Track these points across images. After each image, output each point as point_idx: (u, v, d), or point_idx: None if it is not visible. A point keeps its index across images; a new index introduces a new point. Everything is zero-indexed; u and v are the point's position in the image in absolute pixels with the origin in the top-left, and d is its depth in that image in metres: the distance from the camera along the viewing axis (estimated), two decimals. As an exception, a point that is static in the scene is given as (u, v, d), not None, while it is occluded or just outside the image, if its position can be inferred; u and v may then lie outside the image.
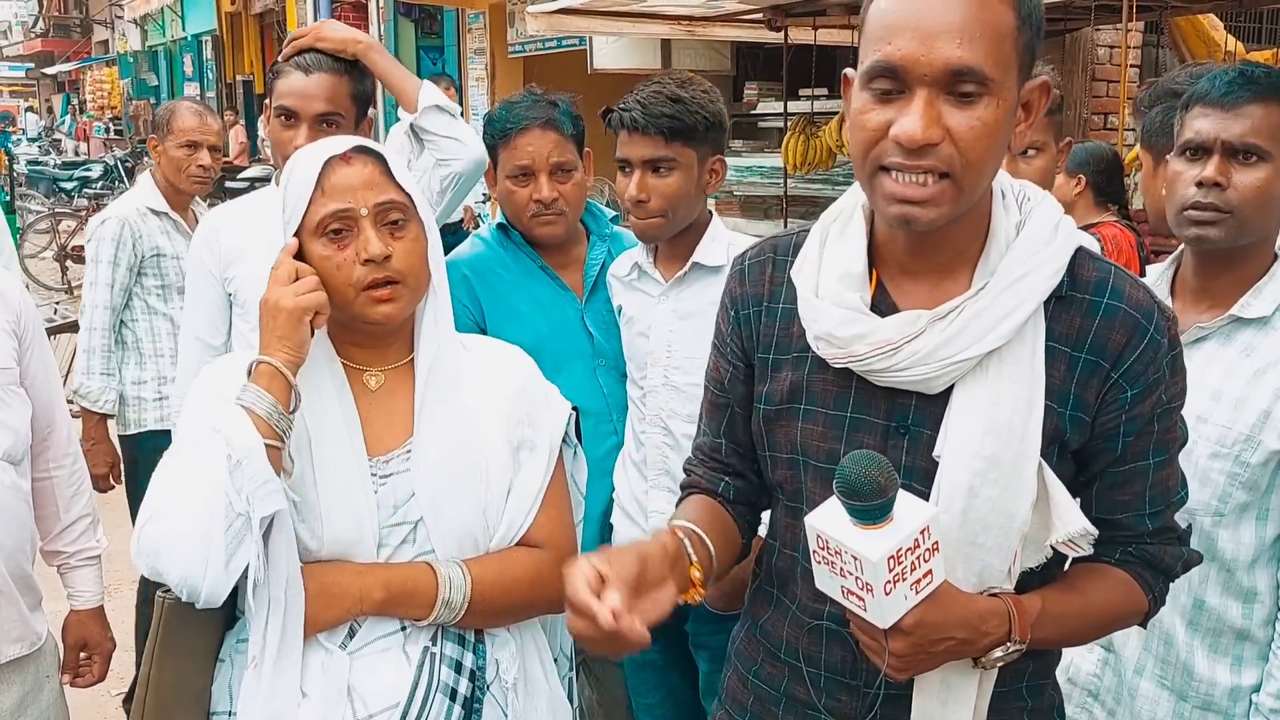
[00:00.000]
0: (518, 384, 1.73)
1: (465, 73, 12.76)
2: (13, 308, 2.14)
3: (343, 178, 1.58)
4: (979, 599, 1.33)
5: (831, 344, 1.35)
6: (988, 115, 1.22)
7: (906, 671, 1.31)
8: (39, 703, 2.16)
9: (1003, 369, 1.30)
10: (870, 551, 1.20)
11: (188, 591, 1.48)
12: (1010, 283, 1.30)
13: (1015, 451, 1.30)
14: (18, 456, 2.11)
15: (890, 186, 1.25)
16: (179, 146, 3.71)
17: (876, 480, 1.20)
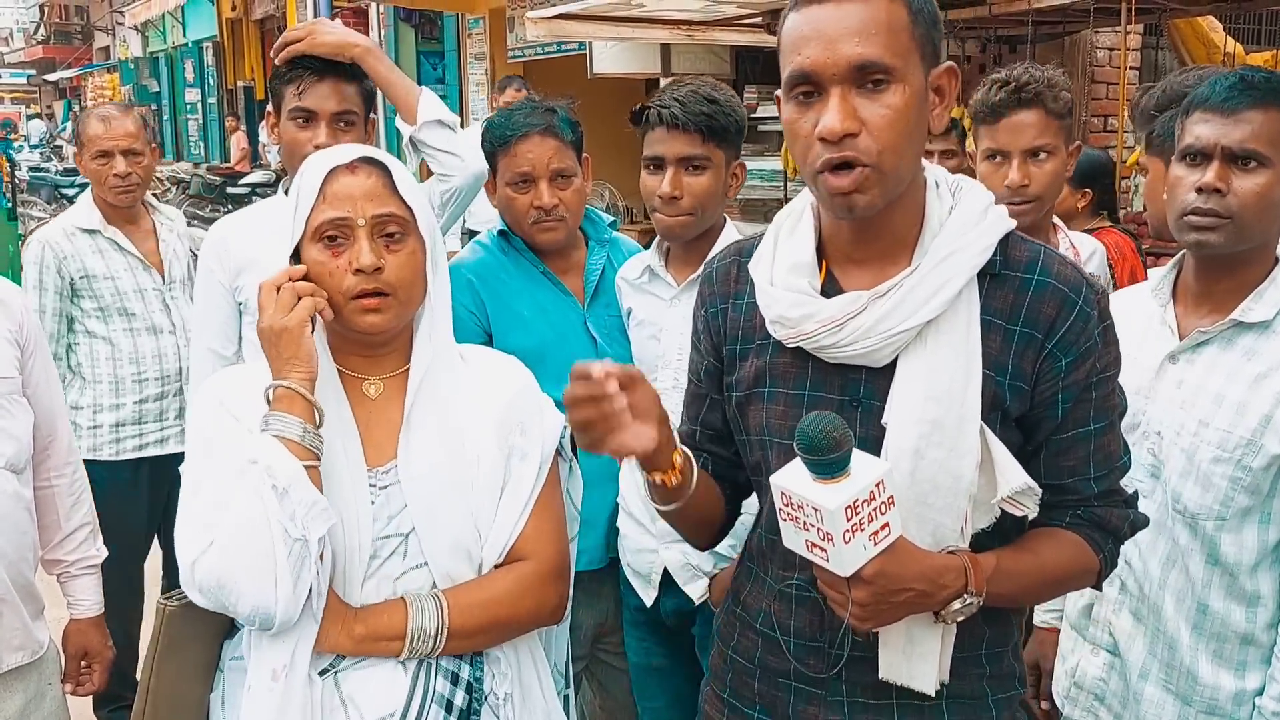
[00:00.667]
0: (511, 393, 1.73)
1: (465, 78, 12.78)
2: (15, 317, 2.15)
3: (344, 186, 1.59)
4: (936, 555, 1.42)
5: (784, 325, 1.48)
6: (896, 101, 1.36)
7: (869, 621, 1.39)
8: (41, 710, 2.16)
9: (940, 339, 1.42)
10: (828, 501, 1.30)
11: (261, 620, 1.49)
12: (940, 260, 1.42)
13: (956, 415, 1.42)
14: (20, 465, 2.11)
15: (830, 182, 1.39)
16: (93, 158, 3.47)
17: (831, 435, 1.30)
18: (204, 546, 1.50)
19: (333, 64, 2.45)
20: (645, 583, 2.40)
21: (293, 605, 1.48)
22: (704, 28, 7.00)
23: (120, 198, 3.46)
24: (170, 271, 3.55)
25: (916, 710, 1.51)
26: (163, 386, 3.52)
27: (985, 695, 1.54)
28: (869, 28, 1.35)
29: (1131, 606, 1.92)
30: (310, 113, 2.44)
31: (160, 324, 3.51)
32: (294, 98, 2.44)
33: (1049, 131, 2.48)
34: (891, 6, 1.37)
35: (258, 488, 1.47)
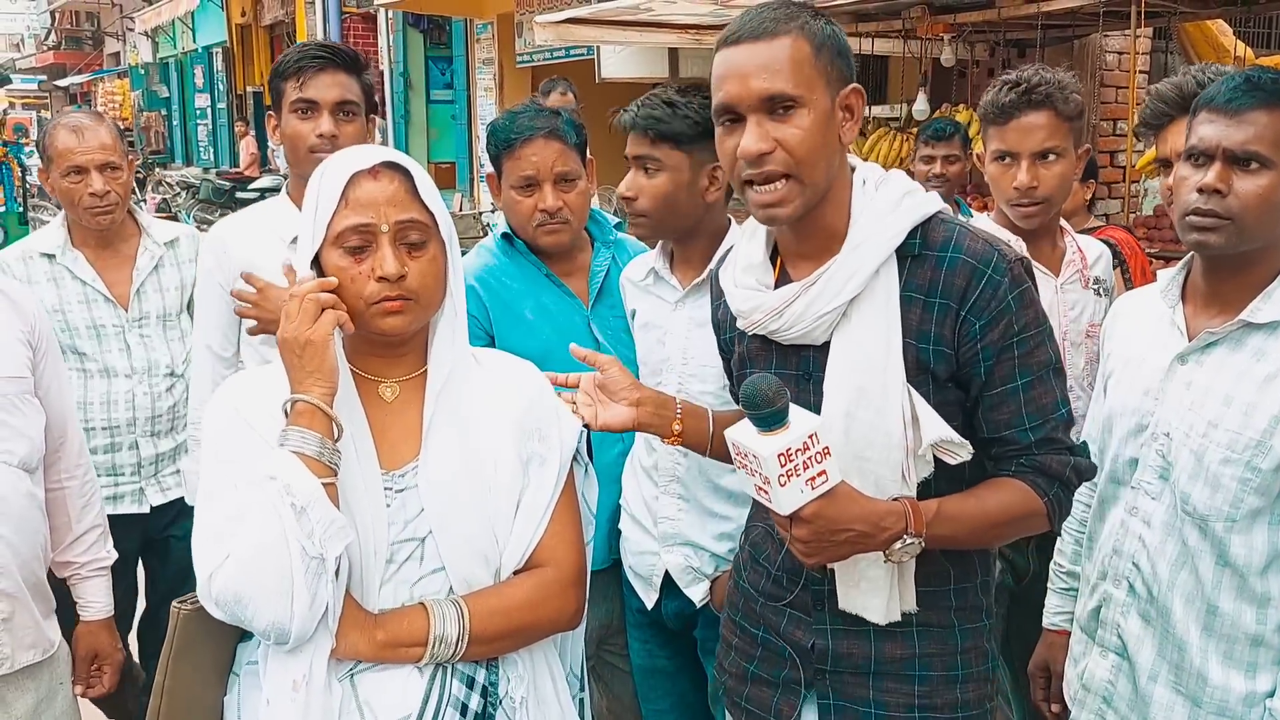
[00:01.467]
0: (528, 399, 1.73)
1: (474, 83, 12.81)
2: (27, 319, 2.17)
3: (367, 192, 1.59)
4: (879, 501, 1.63)
5: (742, 316, 1.77)
6: (804, 122, 1.61)
7: (813, 557, 1.62)
8: (53, 709, 2.17)
9: (863, 316, 1.66)
10: (763, 449, 1.52)
11: (276, 634, 1.50)
12: (855, 246, 1.66)
13: (880, 381, 1.65)
14: (33, 465, 2.12)
15: (754, 197, 1.65)
16: (63, 176, 2.93)
17: (765, 393, 1.51)
18: (220, 561, 1.50)
19: (333, 56, 2.48)
20: (646, 585, 2.40)
21: (308, 621, 1.49)
22: (712, 32, 7.01)
23: (98, 219, 2.95)
24: (140, 305, 3.01)
25: (890, 635, 1.74)
26: (111, 438, 2.95)
27: (953, 625, 1.77)
28: (774, 64, 1.60)
29: (1140, 609, 1.91)
30: (312, 103, 2.47)
31: (114, 366, 2.95)
32: (295, 90, 2.47)
33: (1059, 133, 2.48)
34: (795, 43, 1.60)
35: (276, 505, 1.47)
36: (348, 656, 1.56)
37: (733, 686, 1.93)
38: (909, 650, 1.75)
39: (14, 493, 2.06)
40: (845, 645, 1.77)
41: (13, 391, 2.10)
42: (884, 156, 6.78)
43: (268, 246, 2.50)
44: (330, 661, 1.54)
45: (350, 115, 2.50)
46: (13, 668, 2.08)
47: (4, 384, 2.08)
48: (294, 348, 1.54)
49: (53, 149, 2.96)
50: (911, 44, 6.79)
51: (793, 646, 1.81)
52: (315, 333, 1.53)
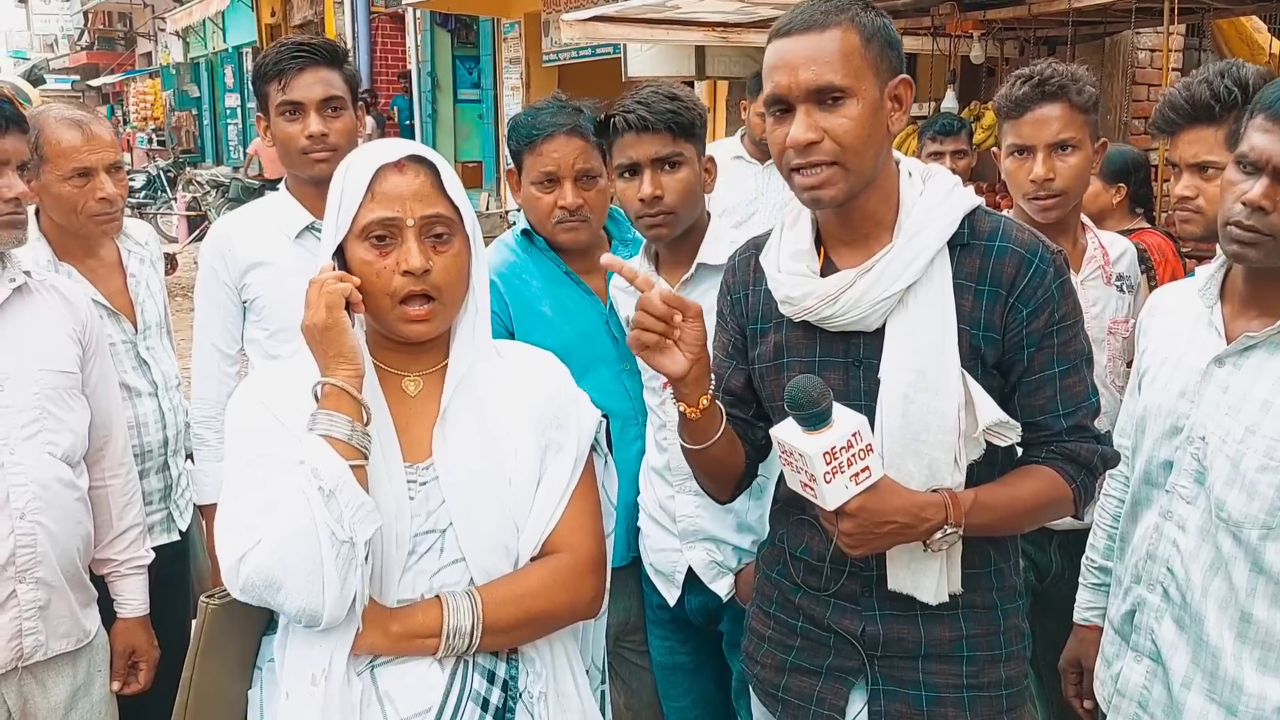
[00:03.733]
0: (549, 390, 1.73)
1: (500, 81, 12.84)
2: (80, 317, 2.21)
3: (394, 186, 1.59)
4: (919, 493, 1.69)
5: (790, 303, 1.78)
6: (852, 112, 1.65)
7: (858, 548, 1.67)
8: (90, 697, 2.21)
9: (919, 302, 1.71)
10: (810, 448, 1.58)
11: (308, 619, 1.51)
12: (912, 235, 1.71)
13: (938, 364, 1.69)
14: (75, 459, 2.16)
15: (799, 180, 1.69)
16: (64, 178, 2.54)
17: (810, 393, 1.56)
18: (250, 545, 1.51)
19: (311, 52, 2.47)
20: (668, 582, 2.40)
21: (340, 606, 1.49)
22: (739, 30, 6.99)
23: (105, 228, 2.64)
24: (144, 315, 2.74)
25: (938, 617, 1.80)
26: (142, 464, 2.64)
27: (996, 605, 1.84)
28: (824, 56, 1.64)
29: (1174, 614, 1.88)
30: (297, 104, 2.46)
31: (136, 385, 2.68)
32: (279, 92, 2.47)
33: (1074, 125, 2.46)
34: (845, 35, 1.65)
35: (305, 489, 1.47)
36: (363, 650, 1.56)
37: (767, 678, 1.95)
38: (956, 632, 1.81)
39: (56, 482, 2.10)
40: (895, 629, 1.81)
41: (62, 385, 2.14)
42: (912, 154, 6.73)
43: (273, 242, 2.52)
44: (349, 655, 1.55)
45: (337, 110, 2.49)
46: (47, 655, 2.11)
47: (54, 377, 2.13)
48: (313, 334, 1.56)
49: (49, 147, 2.53)
50: (940, 41, 6.74)
51: (841, 634, 1.84)
52: (325, 316, 1.54)
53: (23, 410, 2.07)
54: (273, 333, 2.52)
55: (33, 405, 2.09)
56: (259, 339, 2.55)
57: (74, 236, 2.64)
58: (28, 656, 2.08)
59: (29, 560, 2.05)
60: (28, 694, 2.10)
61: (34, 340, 2.12)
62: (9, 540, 2.03)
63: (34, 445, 2.08)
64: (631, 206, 2.26)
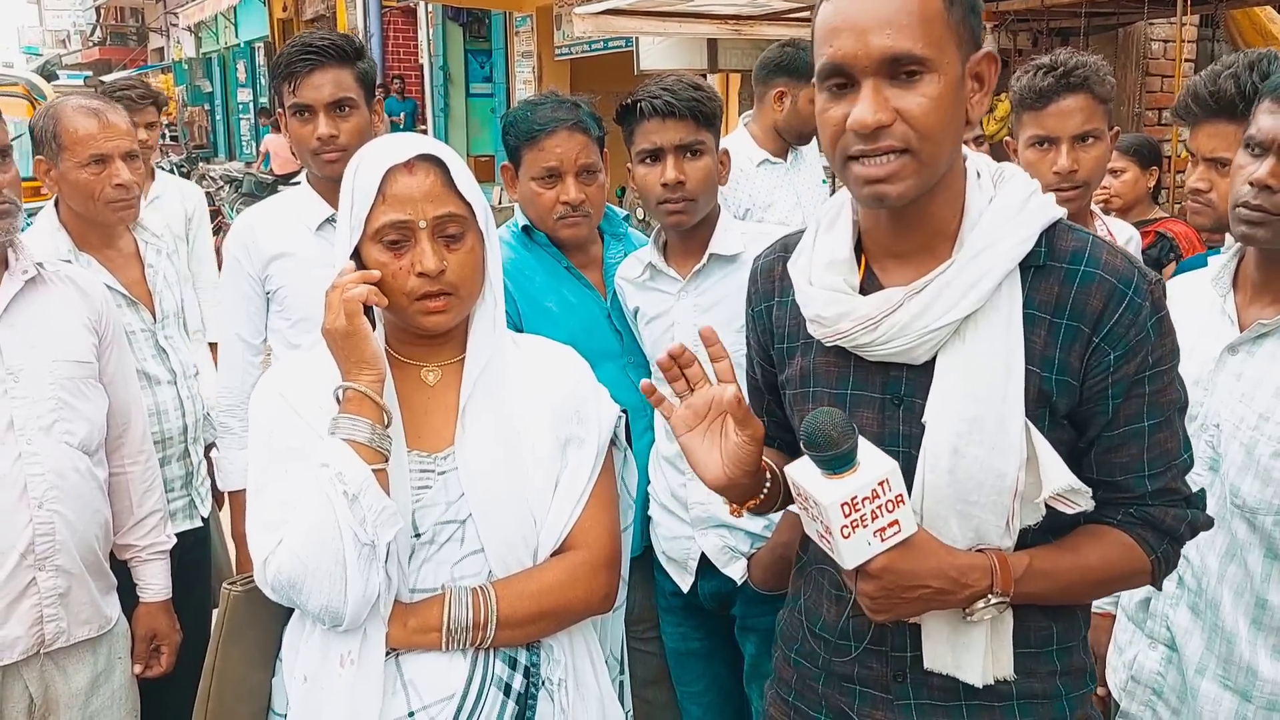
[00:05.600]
0: (568, 383, 1.74)
1: (513, 75, 12.84)
2: (95, 306, 2.23)
3: (404, 188, 1.59)
4: (961, 553, 1.40)
5: (821, 324, 1.47)
6: (932, 90, 1.33)
7: (881, 614, 1.40)
8: (110, 683, 2.24)
9: (979, 334, 1.39)
10: (824, 497, 1.32)
11: (330, 618, 1.54)
12: (977, 252, 1.39)
13: (997, 413, 1.39)
14: (92, 448, 2.19)
15: (858, 170, 1.36)
16: (81, 165, 2.60)
17: (829, 433, 1.31)
18: (273, 546, 1.54)
19: (323, 52, 2.46)
20: (681, 569, 2.42)
21: (362, 606, 1.52)
22: (752, 22, 6.99)
23: (121, 215, 2.68)
24: (162, 305, 2.78)
25: (987, 711, 1.48)
26: (163, 451, 2.69)
27: (1060, 694, 1.51)
28: (901, 17, 1.31)
29: (1189, 601, 1.89)
30: (307, 106, 2.46)
31: (155, 373, 2.71)
32: (290, 94, 2.47)
33: (1096, 116, 2.46)
34: None
35: (328, 493, 1.50)
36: None
37: None
38: None
39: (73, 472, 2.12)
40: None
41: (78, 375, 2.16)
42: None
43: (295, 235, 2.55)
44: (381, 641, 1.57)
45: (347, 111, 2.48)
46: (68, 641, 2.14)
47: (69, 367, 2.15)
48: (335, 339, 1.57)
49: (66, 135, 2.60)
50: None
51: None
52: (345, 323, 1.55)
53: (39, 401, 2.09)
54: (294, 322, 2.55)
55: (49, 396, 2.10)
56: (281, 329, 2.58)
57: (93, 226, 2.69)
58: (50, 643, 2.11)
59: (48, 548, 2.08)
60: (49, 680, 2.13)
61: (49, 331, 2.14)
62: (28, 529, 2.05)
63: (51, 435, 2.10)
64: (652, 192, 2.27)
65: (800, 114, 3.65)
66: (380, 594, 1.54)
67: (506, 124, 2.44)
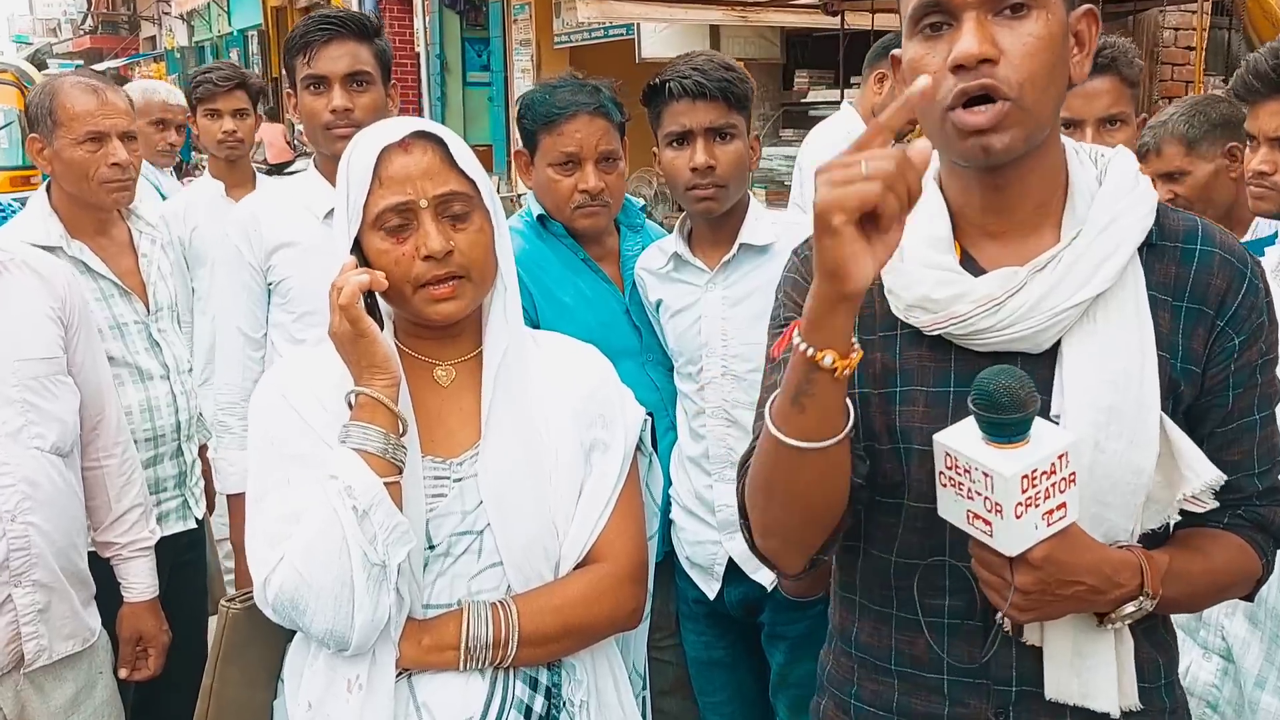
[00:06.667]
0: (591, 384, 1.63)
1: (510, 64, 12.72)
2: (57, 292, 2.08)
3: (401, 168, 1.47)
4: (1110, 548, 1.27)
5: (928, 309, 1.29)
6: (1039, 29, 1.21)
7: (1029, 612, 1.24)
8: (92, 700, 2.12)
9: (1110, 316, 1.27)
10: (1004, 467, 1.15)
11: (335, 643, 1.42)
12: (1104, 226, 1.27)
13: (1135, 400, 1.26)
14: (66, 448, 2.05)
15: (959, 119, 1.21)
16: (76, 143, 2.49)
17: (1017, 393, 1.14)
18: (274, 563, 1.42)
19: (342, 24, 2.37)
20: (707, 575, 2.32)
21: (370, 630, 1.41)
22: (758, 9, 6.88)
23: (116, 197, 2.56)
24: (155, 297, 2.67)
25: None
26: (155, 449, 2.60)
27: None
28: None
29: (1246, 610, 1.81)
30: (321, 78, 2.36)
31: (148, 367, 2.60)
32: (305, 66, 2.37)
33: (1123, 99, 2.39)
34: None
35: (336, 507, 1.38)
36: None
37: None
38: None
39: (46, 479, 1.99)
40: None
41: (44, 373, 2.01)
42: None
43: (301, 223, 2.41)
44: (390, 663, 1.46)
45: (364, 85, 2.38)
46: (50, 659, 2.01)
47: (34, 366, 2.00)
48: (343, 343, 1.45)
49: (63, 111, 2.49)
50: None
51: None
52: (356, 327, 1.42)
53: (3, 406, 1.94)
54: (299, 316, 2.41)
55: (14, 399, 1.95)
56: (284, 323, 2.44)
57: (86, 211, 2.57)
58: (30, 662, 1.98)
59: (23, 564, 1.94)
60: (25, 700, 2.00)
61: (9, 327, 1.98)
62: (0, 545, 1.92)
63: (19, 442, 1.95)
64: (680, 177, 2.16)
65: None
66: (391, 615, 1.42)
67: (523, 107, 2.33)
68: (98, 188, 2.52)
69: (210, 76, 3.77)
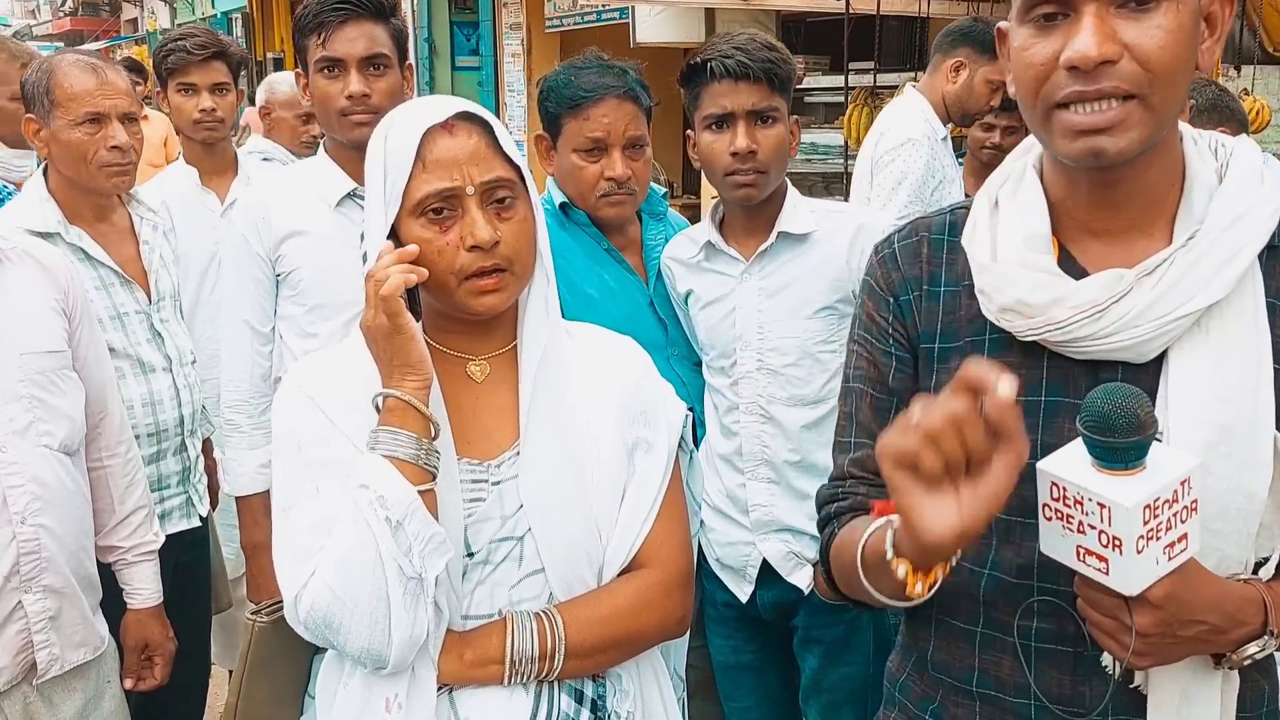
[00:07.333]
0: (632, 378, 1.54)
1: (500, 49, 12.59)
2: (59, 284, 1.98)
3: (446, 150, 1.38)
4: (1230, 582, 1.17)
5: (1022, 313, 1.21)
6: (1169, 21, 1.10)
7: (1149, 657, 1.15)
8: (100, 710, 2.03)
9: (1225, 326, 1.17)
10: (1123, 497, 1.04)
11: (372, 661, 1.34)
12: (1225, 227, 1.17)
13: (1249, 419, 1.16)
14: (74, 446, 1.96)
15: (1069, 120, 1.13)
16: (75, 124, 2.38)
17: (1135, 414, 1.04)
18: (305, 579, 1.34)
19: (359, 3, 2.26)
20: (739, 577, 2.25)
21: (408, 647, 1.32)
22: (758, -8, 6.78)
23: (117, 181, 2.45)
24: (158, 285, 2.56)
25: None
26: (158, 445, 2.51)
27: None
28: None
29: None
30: (337, 60, 2.24)
31: (150, 359, 2.50)
32: (318, 48, 2.25)
33: None
34: None
35: (368, 519, 1.29)
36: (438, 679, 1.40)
37: None
38: None
39: (55, 479, 1.89)
40: None
41: (50, 367, 1.92)
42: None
43: (312, 211, 2.30)
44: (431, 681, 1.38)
45: (381, 69, 2.27)
46: (62, 669, 1.92)
47: (40, 359, 1.90)
48: (375, 338, 1.36)
49: (60, 90, 2.37)
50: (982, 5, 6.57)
51: None
52: (393, 323, 1.34)
53: (10, 402, 1.84)
54: (310, 308, 2.30)
55: (20, 395, 1.86)
56: (295, 315, 2.32)
57: (84, 196, 2.46)
58: (42, 672, 1.89)
59: (34, 568, 1.85)
60: (33, 712, 1.90)
61: (12, 321, 1.88)
62: (10, 548, 1.82)
63: (27, 439, 1.85)
64: (719, 161, 2.08)
65: (974, 91, 3.44)
66: (429, 630, 1.34)
67: (546, 89, 2.23)
68: (96, 171, 2.41)
69: (183, 44, 3.21)
